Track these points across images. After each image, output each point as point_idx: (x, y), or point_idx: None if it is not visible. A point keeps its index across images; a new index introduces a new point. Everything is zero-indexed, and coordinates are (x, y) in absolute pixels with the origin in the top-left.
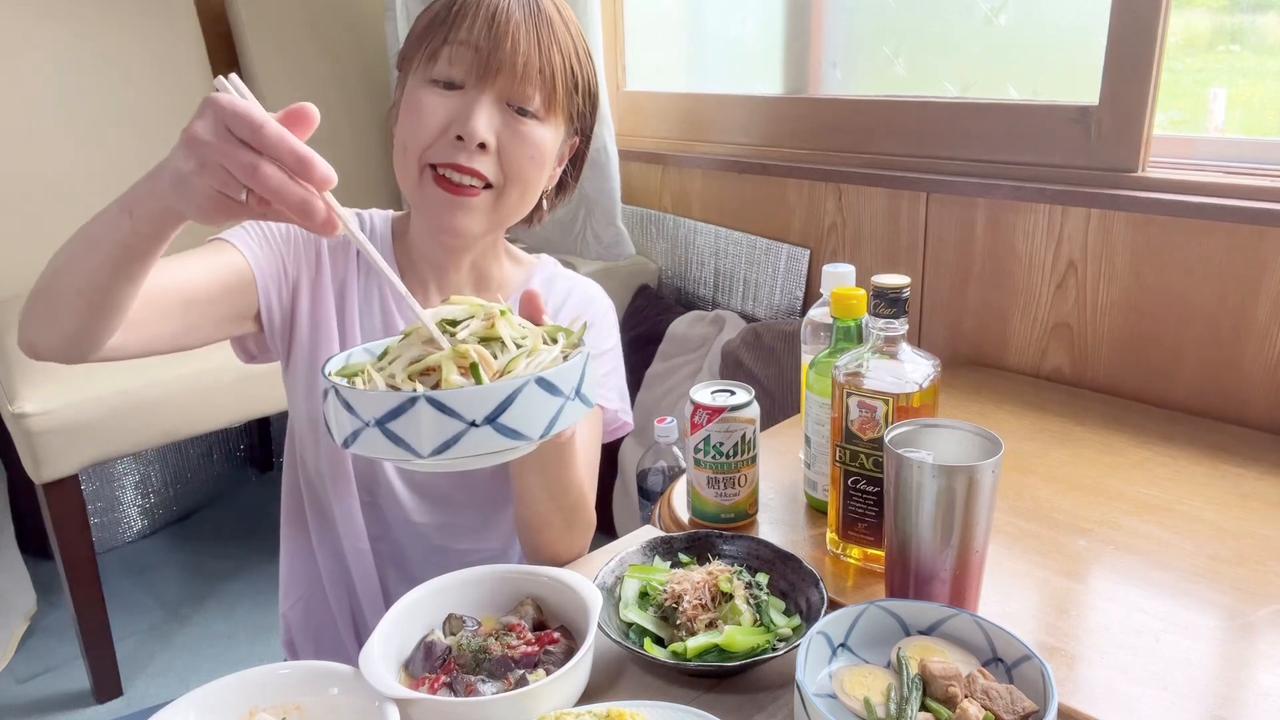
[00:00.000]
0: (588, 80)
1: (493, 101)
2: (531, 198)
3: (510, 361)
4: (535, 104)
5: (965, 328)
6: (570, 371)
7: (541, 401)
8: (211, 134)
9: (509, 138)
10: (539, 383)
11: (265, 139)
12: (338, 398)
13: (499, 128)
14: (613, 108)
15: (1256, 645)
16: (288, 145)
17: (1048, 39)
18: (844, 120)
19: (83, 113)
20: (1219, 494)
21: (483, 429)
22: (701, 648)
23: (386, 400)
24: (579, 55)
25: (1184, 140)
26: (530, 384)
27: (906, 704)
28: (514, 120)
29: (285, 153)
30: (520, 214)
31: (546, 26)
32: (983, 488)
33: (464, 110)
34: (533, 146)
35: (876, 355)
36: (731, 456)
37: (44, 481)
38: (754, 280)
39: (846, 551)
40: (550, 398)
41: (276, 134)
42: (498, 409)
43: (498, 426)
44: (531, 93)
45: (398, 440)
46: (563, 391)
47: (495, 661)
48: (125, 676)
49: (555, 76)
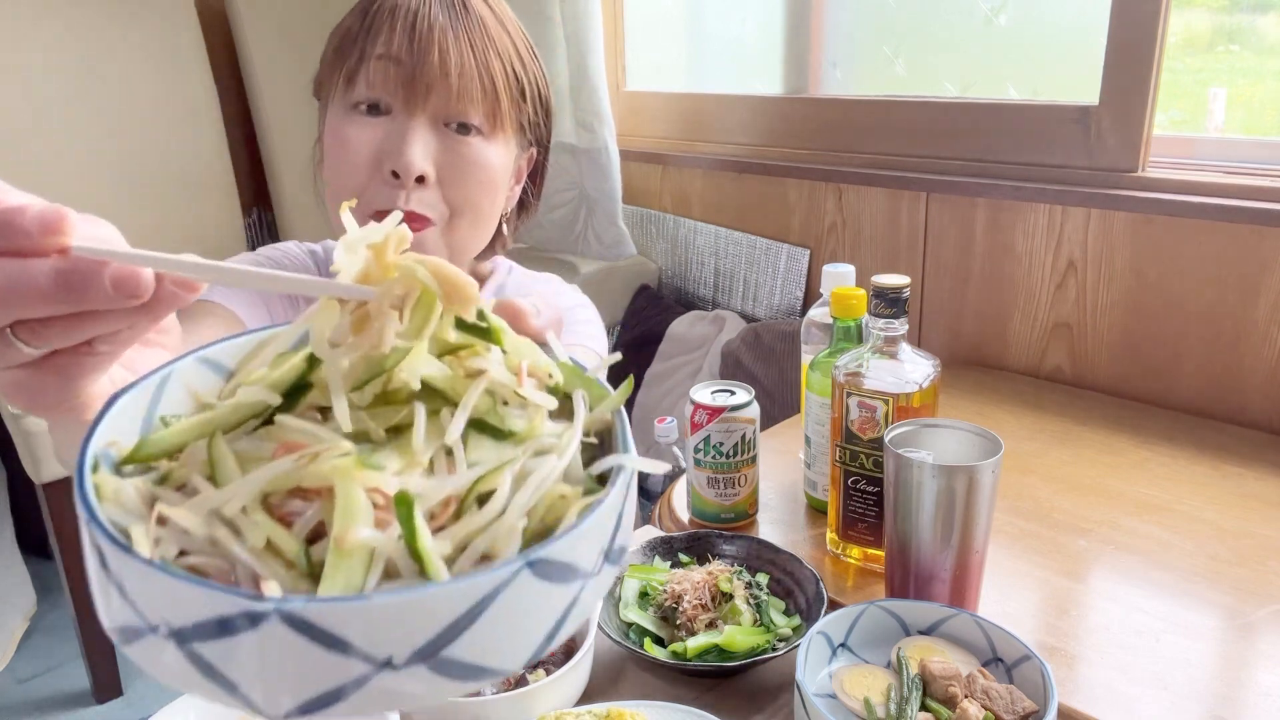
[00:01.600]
0: (535, 84)
1: (427, 124)
2: (487, 226)
3: (482, 479)
4: (478, 120)
5: (965, 328)
6: (602, 525)
7: (537, 600)
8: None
9: (450, 162)
10: (537, 568)
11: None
12: (96, 551)
13: (438, 154)
14: (613, 108)
15: (1256, 645)
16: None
17: (1048, 39)
18: (844, 120)
19: (82, 113)
20: (1219, 494)
21: (407, 671)
22: (701, 648)
23: (198, 601)
24: (521, 57)
25: (1184, 140)
26: (521, 575)
27: (906, 704)
28: (454, 142)
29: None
30: (477, 245)
31: (478, 28)
32: (983, 488)
33: (394, 139)
34: (480, 170)
35: (876, 355)
36: (731, 456)
37: (44, 481)
38: (754, 280)
39: (846, 551)
40: (557, 588)
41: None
42: (445, 634)
43: (438, 665)
44: (471, 107)
45: (218, 678)
46: (581, 570)
47: None
48: (125, 676)
49: (497, 86)
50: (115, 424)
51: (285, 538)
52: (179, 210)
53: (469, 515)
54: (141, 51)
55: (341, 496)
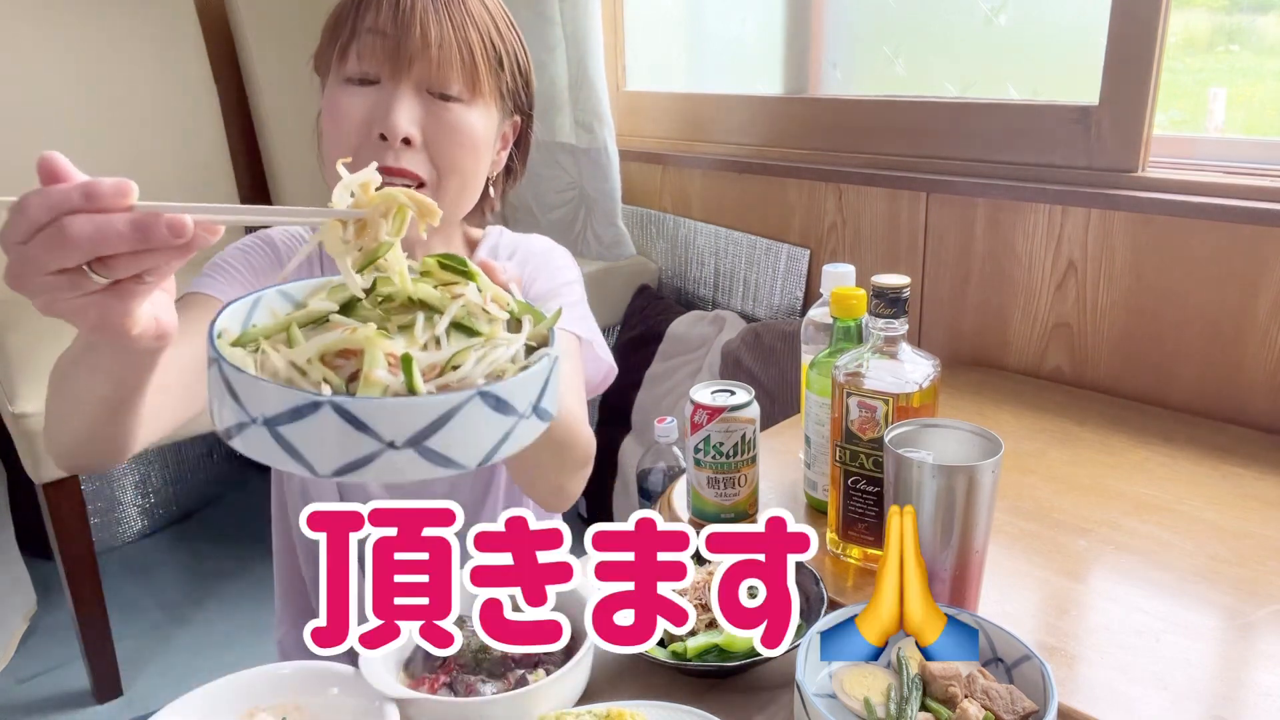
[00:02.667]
0: (514, 54)
1: (412, 92)
2: (474, 186)
3: (457, 355)
4: (457, 88)
5: (965, 328)
6: (528, 384)
7: (486, 421)
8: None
9: (435, 127)
10: (485, 398)
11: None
12: (221, 377)
13: (423, 119)
14: (613, 108)
15: (1256, 645)
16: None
17: (1048, 39)
18: (844, 120)
19: (82, 113)
20: (1219, 494)
21: (403, 452)
22: (701, 648)
23: (282, 398)
24: (498, 29)
25: (1184, 140)
26: (474, 400)
27: (906, 704)
28: (438, 108)
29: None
30: (466, 205)
31: (457, 4)
32: (983, 488)
33: (382, 105)
34: (462, 134)
35: (876, 355)
36: (731, 456)
37: (44, 481)
38: (754, 280)
39: (846, 551)
40: (497, 416)
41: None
42: (426, 430)
43: (422, 451)
44: (452, 76)
45: (290, 449)
46: (515, 409)
47: (495, 661)
48: (125, 676)
49: (475, 55)
50: (224, 321)
51: (332, 376)
52: None
53: (446, 375)
54: (141, 51)
55: (368, 353)
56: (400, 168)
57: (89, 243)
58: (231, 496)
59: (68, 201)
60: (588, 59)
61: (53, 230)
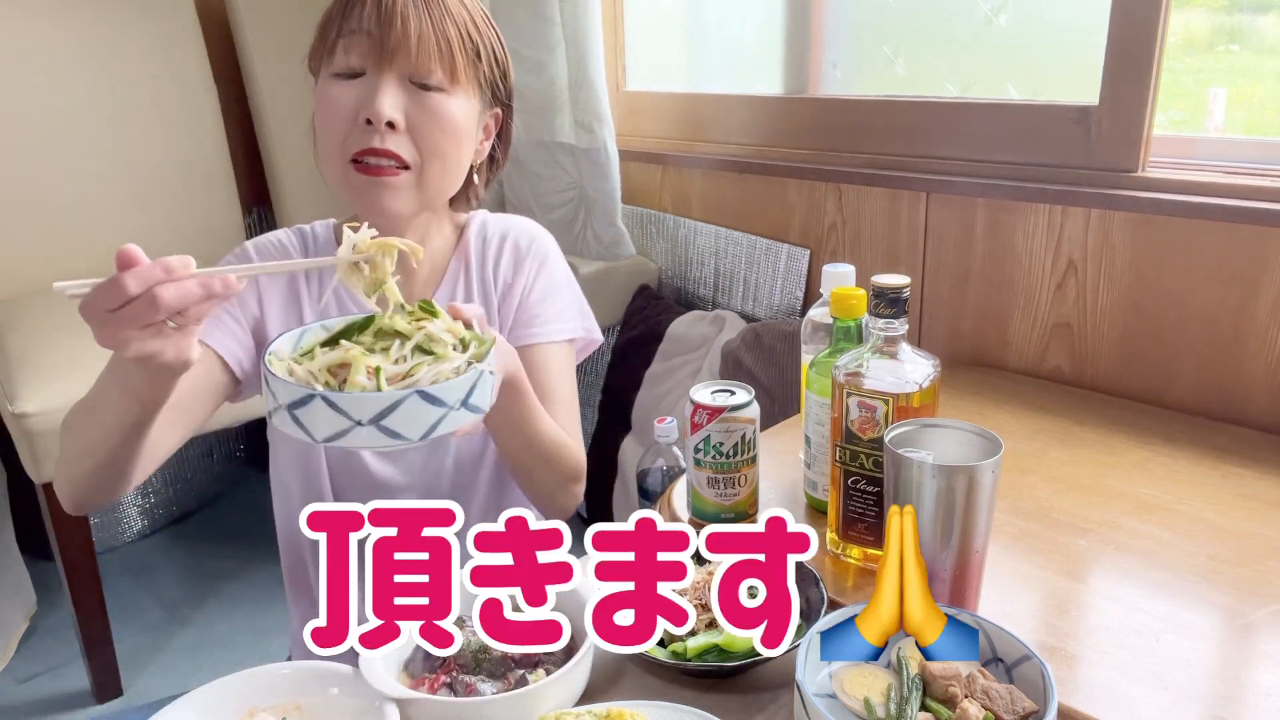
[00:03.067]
0: (491, 46)
1: (395, 81)
2: (456, 172)
3: (414, 367)
4: (437, 77)
5: (965, 328)
6: (457, 387)
7: (424, 410)
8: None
9: (418, 114)
10: (421, 395)
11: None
12: (265, 378)
13: (406, 105)
14: (613, 108)
15: (1256, 645)
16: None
17: (1048, 39)
18: (844, 120)
19: (82, 113)
20: (1219, 494)
21: (367, 428)
22: (701, 648)
23: (293, 391)
24: (475, 23)
25: (1184, 140)
26: (412, 396)
27: (906, 704)
28: (420, 96)
29: (149, 277)
30: (449, 189)
31: (437, 1)
32: (983, 488)
33: (367, 93)
34: (443, 120)
35: (876, 355)
36: (731, 456)
37: (44, 481)
38: (754, 280)
39: (846, 551)
40: (431, 407)
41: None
42: (381, 414)
43: (380, 428)
44: (431, 66)
45: (300, 425)
46: (446, 403)
47: (495, 661)
48: (125, 676)
49: (453, 47)
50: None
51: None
52: (180, 209)
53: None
54: (141, 51)
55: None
56: (385, 149)
57: (176, 303)
58: (231, 496)
59: (154, 277)
60: (588, 59)
61: (147, 297)
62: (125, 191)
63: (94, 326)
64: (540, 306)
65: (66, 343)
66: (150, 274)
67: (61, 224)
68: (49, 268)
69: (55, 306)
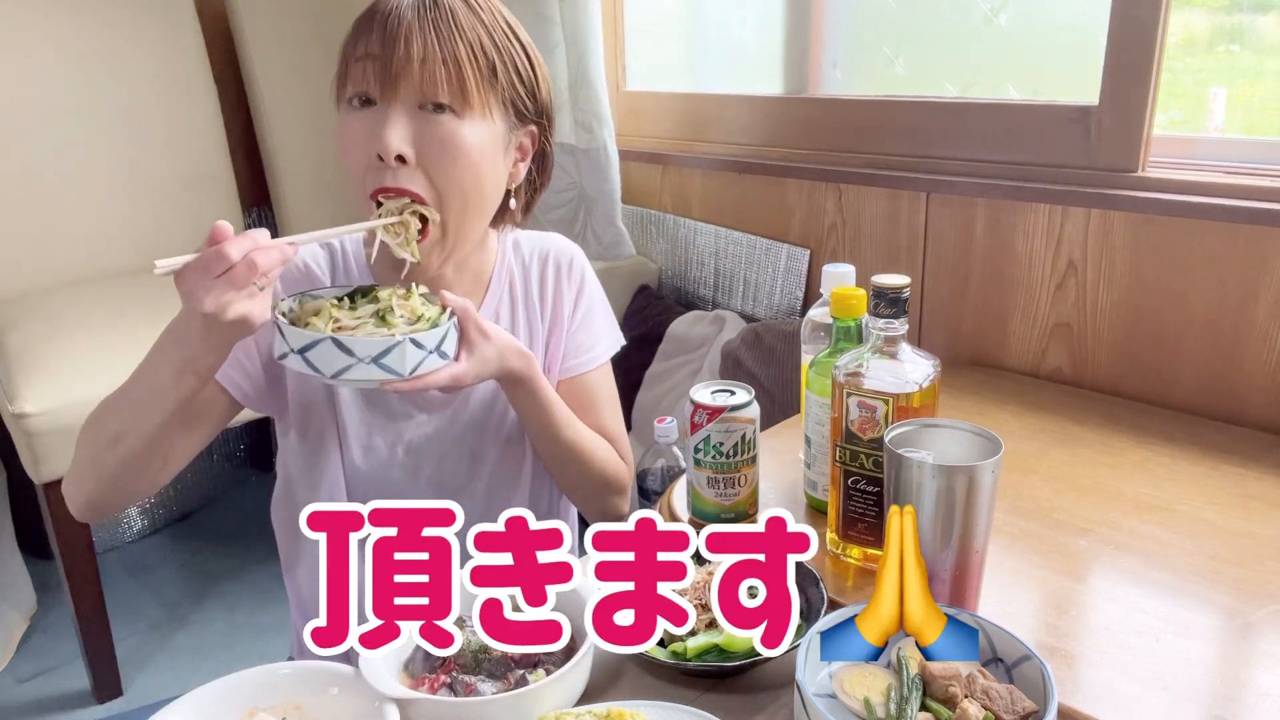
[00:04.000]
0: (511, 63)
1: (403, 109)
2: (479, 203)
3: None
4: (446, 98)
5: (965, 328)
6: (432, 336)
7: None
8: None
9: (426, 142)
10: (412, 341)
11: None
12: (277, 326)
13: (415, 135)
14: (613, 108)
15: (1256, 645)
16: (240, 244)
17: (1048, 39)
18: (844, 120)
19: (83, 113)
20: (1219, 494)
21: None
22: (701, 648)
23: (304, 337)
24: (493, 39)
25: (1184, 140)
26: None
27: (906, 704)
28: (430, 123)
29: (245, 245)
30: (476, 222)
31: (446, 19)
32: (983, 488)
33: (376, 125)
34: (454, 146)
35: (876, 355)
36: (731, 456)
37: (44, 481)
38: (754, 280)
39: (846, 551)
40: (417, 350)
41: (234, 249)
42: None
43: (379, 365)
44: (440, 89)
45: (310, 365)
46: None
47: (495, 661)
48: (125, 676)
49: (462, 67)
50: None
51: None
52: (180, 209)
53: None
54: (141, 51)
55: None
56: (399, 187)
57: (269, 266)
58: (231, 496)
59: (249, 245)
60: (588, 59)
61: (247, 262)
62: (125, 191)
63: (197, 294)
64: (581, 335)
65: (66, 343)
66: (245, 243)
67: (62, 224)
68: (49, 267)
69: (55, 306)
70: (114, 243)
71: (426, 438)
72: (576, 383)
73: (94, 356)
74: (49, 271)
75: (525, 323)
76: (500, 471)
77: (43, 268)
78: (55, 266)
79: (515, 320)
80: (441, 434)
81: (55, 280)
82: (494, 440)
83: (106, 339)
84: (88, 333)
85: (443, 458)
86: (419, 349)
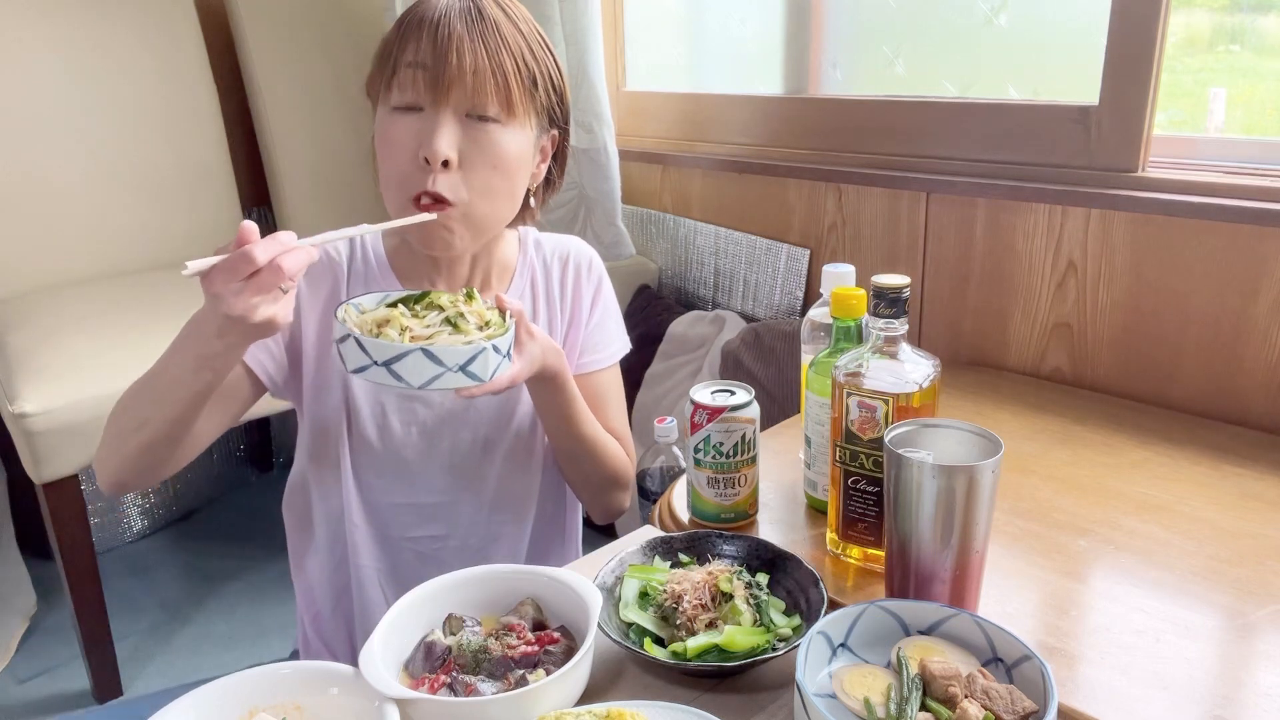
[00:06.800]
0: (548, 73)
1: (452, 116)
2: (506, 204)
3: (436, 334)
4: (494, 110)
5: (965, 328)
6: (458, 353)
7: (424, 365)
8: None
9: (472, 149)
10: (424, 352)
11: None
12: (355, 340)
13: (461, 142)
14: (613, 108)
15: (1256, 645)
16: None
17: (1048, 39)
18: (844, 120)
19: (83, 113)
20: (1219, 494)
21: (380, 368)
22: (701, 648)
23: (391, 349)
24: (532, 51)
25: (1184, 140)
26: (416, 351)
27: (906, 704)
28: (476, 130)
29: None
30: (498, 221)
31: (491, 31)
32: (983, 488)
33: (426, 131)
34: (497, 154)
35: (876, 355)
36: (731, 456)
37: (44, 481)
38: (754, 280)
39: (846, 551)
40: (430, 364)
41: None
42: (391, 359)
43: (390, 370)
44: (488, 100)
45: (396, 376)
46: (444, 364)
47: (495, 661)
48: (125, 676)
49: (509, 80)
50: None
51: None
52: (180, 209)
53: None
54: (141, 51)
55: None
56: (435, 191)
57: (294, 269)
58: (231, 496)
59: (275, 249)
60: (588, 59)
61: (273, 266)
62: (125, 191)
63: (224, 297)
64: (597, 334)
65: (66, 343)
66: (273, 246)
67: (62, 224)
68: (49, 267)
69: (55, 306)
70: (114, 243)
71: (440, 419)
72: (588, 380)
73: (94, 356)
74: (49, 271)
75: (546, 318)
76: (511, 460)
77: (43, 268)
78: (55, 266)
79: (536, 314)
80: (455, 417)
81: (55, 280)
82: (506, 429)
83: (107, 339)
84: (88, 333)
85: (456, 441)
86: (497, 354)
